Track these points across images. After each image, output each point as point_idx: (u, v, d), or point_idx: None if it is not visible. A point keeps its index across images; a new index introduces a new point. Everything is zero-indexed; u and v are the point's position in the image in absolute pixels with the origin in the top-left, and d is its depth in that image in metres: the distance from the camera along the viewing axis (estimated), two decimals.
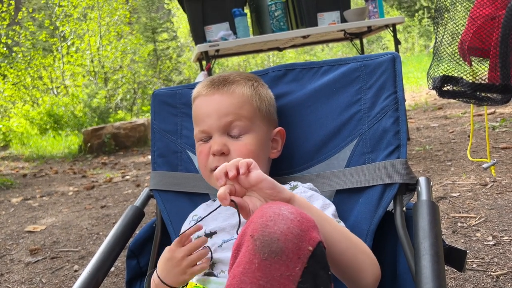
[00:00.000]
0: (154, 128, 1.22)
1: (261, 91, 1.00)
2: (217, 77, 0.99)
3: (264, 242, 0.56)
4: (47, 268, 2.01)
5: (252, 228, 0.59)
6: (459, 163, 2.69)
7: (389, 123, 0.95)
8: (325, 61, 1.08)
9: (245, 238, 0.59)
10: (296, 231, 0.58)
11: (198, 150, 0.98)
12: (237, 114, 0.93)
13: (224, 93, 0.95)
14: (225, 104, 0.94)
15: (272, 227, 0.57)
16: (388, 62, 0.97)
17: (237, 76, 0.99)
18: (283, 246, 0.56)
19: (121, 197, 3.31)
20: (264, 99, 0.99)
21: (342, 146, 1.01)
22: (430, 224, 0.82)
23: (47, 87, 10.53)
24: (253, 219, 0.60)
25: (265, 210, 0.60)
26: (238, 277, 0.57)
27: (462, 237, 1.68)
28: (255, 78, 1.03)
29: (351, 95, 1.01)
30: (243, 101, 0.95)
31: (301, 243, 0.57)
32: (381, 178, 0.93)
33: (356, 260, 0.76)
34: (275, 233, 0.57)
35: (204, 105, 0.97)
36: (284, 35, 3.19)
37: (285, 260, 0.56)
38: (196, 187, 1.14)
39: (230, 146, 0.93)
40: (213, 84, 0.97)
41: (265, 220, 0.58)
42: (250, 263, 0.56)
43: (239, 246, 0.61)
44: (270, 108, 1.01)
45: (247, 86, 0.98)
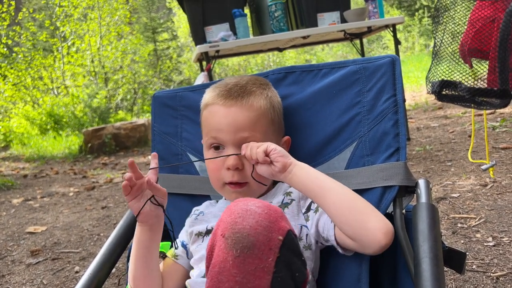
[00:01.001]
0: (154, 131, 1.23)
1: (274, 100, 1.00)
2: (234, 85, 0.97)
3: (235, 239, 0.58)
4: (48, 269, 2.02)
5: (222, 227, 0.60)
6: (459, 163, 2.70)
7: (389, 126, 0.95)
8: (325, 64, 1.08)
9: (217, 238, 0.61)
10: (265, 223, 0.59)
11: (211, 161, 0.97)
12: (253, 129, 0.94)
13: (242, 107, 0.94)
14: (243, 118, 0.93)
15: (241, 223, 0.59)
16: (387, 64, 0.98)
17: (253, 86, 0.98)
18: (254, 240, 0.58)
19: (122, 197, 3.31)
20: (277, 109, 1.00)
21: (341, 148, 1.01)
22: (430, 227, 0.82)
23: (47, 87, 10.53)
24: (222, 218, 0.62)
25: (233, 208, 0.62)
26: (216, 278, 0.58)
27: (462, 238, 1.68)
28: (267, 84, 1.03)
29: (350, 98, 1.01)
30: (260, 114, 0.95)
31: (271, 234, 0.59)
32: (381, 181, 0.93)
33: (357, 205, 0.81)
34: (244, 229, 0.58)
35: (220, 116, 0.95)
36: (284, 36, 3.19)
37: (257, 253, 0.57)
38: (197, 189, 1.14)
39: (244, 160, 0.93)
40: (230, 94, 0.96)
41: (234, 218, 0.60)
42: (224, 262, 0.58)
43: (212, 248, 0.62)
44: (280, 117, 1.02)
45: (263, 97, 0.97)
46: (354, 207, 0.80)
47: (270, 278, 0.57)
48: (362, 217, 0.79)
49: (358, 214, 0.79)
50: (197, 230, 0.97)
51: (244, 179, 0.94)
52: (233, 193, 0.96)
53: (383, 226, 0.78)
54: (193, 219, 1.02)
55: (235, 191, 0.95)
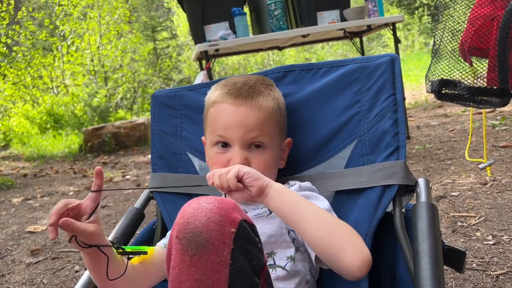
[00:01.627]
0: (153, 130, 1.23)
1: (280, 101, 1.01)
2: (243, 84, 0.97)
3: (189, 239, 0.59)
4: (48, 268, 2.02)
5: (176, 229, 0.61)
6: (459, 162, 2.69)
7: (388, 125, 0.95)
8: (324, 63, 1.08)
9: (172, 240, 0.61)
10: (216, 218, 0.60)
11: (215, 157, 0.96)
12: (261, 130, 0.94)
13: (252, 107, 0.94)
14: (252, 118, 0.93)
15: (193, 223, 0.59)
16: (387, 63, 0.97)
17: (261, 86, 0.98)
18: (207, 237, 0.59)
19: (122, 197, 3.31)
20: (282, 110, 1.01)
21: (341, 147, 1.01)
22: (429, 226, 0.82)
23: (47, 86, 10.52)
24: (176, 220, 0.62)
25: (185, 209, 0.63)
26: (176, 279, 0.59)
27: (462, 237, 1.68)
28: (272, 85, 1.03)
29: (350, 97, 1.01)
30: (268, 115, 0.95)
31: (223, 228, 0.60)
32: (380, 180, 0.93)
33: (332, 238, 0.79)
34: (196, 228, 0.59)
35: (228, 114, 0.95)
36: (284, 35, 3.19)
37: (212, 249, 0.58)
38: (196, 188, 1.14)
39: (250, 159, 0.94)
40: (240, 93, 0.95)
41: (186, 219, 0.60)
42: (182, 263, 0.59)
43: (169, 251, 0.63)
44: (285, 119, 1.03)
45: (271, 98, 0.97)
46: (330, 240, 0.79)
47: (228, 270, 0.59)
48: (337, 252, 0.78)
49: (333, 249, 0.79)
50: None
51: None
52: (235, 193, 0.95)
53: (357, 260, 0.78)
54: None
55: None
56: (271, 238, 0.89)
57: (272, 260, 0.88)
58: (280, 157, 1.01)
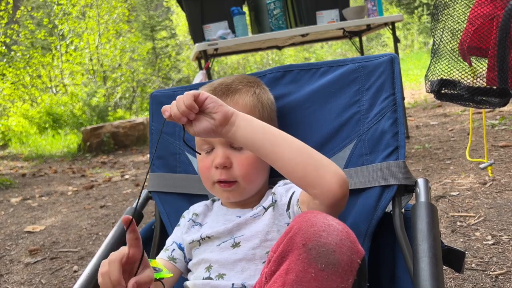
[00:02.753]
0: (152, 130, 1.22)
1: (263, 97, 0.99)
2: (219, 85, 0.97)
3: (320, 253, 0.57)
4: (47, 268, 2.01)
5: (303, 236, 0.59)
6: (458, 161, 2.69)
7: (387, 125, 0.95)
8: (323, 62, 1.08)
9: (295, 245, 0.59)
10: (347, 243, 0.59)
11: (201, 162, 0.97)
12: None
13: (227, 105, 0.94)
14: None
15: (326, 238, 0.58)
16: (386, 63, 0.97)
17: (239, 84, 0.98)
18: (339, 258, 0.58)
19: (120, 196, 3.31)
20: (266, 106, 0.99)
21: (340, 147, 1.01)
22: (429, 226, 0.82)
23: (46, 86, 10.51)
24: (302, 227, 0.60)
25: (312, 219, 0.61)
26: (291, 285, 0.57)
27: (461, 236, 1.68)
28: (257, 82, 1.02)
29: (349, 97, 1.01)
30: (246, 111, 0.92)
31: (352, 255, 0.59)
32: (379, 180, 0.93)
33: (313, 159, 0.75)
34: (330, 244, 0.58)
35: None
36: (283, 34, 3.18)
37: (341, 272, 0.57)
38: (194, 188, 1.14)
39: (232, 158, 0.93)
40: (215, 93, 0.95)
41: (318, 230, 0.59)
42: (304, 272, 0.57)
43: (284, 253, 0.61)
44: (272, 114, 1.01)
45: (250, 94, 0.96)
46: (310, 161, 0.75)
47: None
48: (318, 172, 0.73)
49: (314, 169, 0.74)
50: (191, 239, 0.96)
51: (233, 178, 0.93)
52: (224, 192, 0.95)
53: (338, 177, 0.73)
54: (189, 225, 1.01)
55: (225, 189, 0.94)
56: (269, 235, 0.89)
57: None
58: None
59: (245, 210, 0.97)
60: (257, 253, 0.88)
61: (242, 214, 0.96)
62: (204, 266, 0.91)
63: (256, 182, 0.96)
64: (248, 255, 0.88)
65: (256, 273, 0.86)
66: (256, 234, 0.89)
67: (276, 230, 0.89)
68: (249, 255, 0.88)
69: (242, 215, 0.95)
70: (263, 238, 0.88)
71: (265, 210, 0.92)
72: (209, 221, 1.01)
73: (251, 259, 0.88)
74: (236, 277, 0.87)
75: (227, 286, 0.87)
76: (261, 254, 0.88)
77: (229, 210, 0.99)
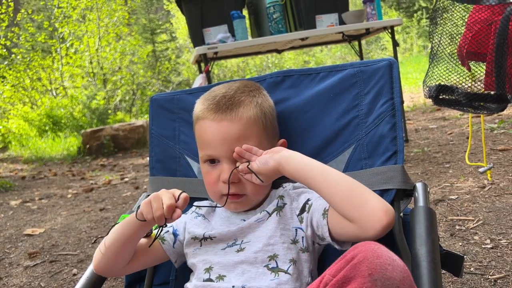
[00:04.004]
0: (152, 133, 1.23)
1: (265, 106, 0.99)
2: (222, 98, 0.96)
3: (385, 286, 0.59)
4: (46, 271, 2.01)
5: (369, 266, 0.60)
6: (457, 165, 2.70)
7: (386, 129, 0.95)
8: (323, 68, 1.09)
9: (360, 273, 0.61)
10: (408, 282, 0.61)
11: (207, 175, 0.98)
12: (246, 141, 0.93)
13: (232, 120, 0.93)
14: (234, 131, 0.93)
15: (392, 272, 0.60)
16: (385, 68, 0.98)
17: (242, 95, 0.97)
18: None
19: (120, 199, 3.31)
20: (269, 115, 0.99)
21: (339, 151, 1.02)
22: (427, 230, 0.83)
23: (46, 88, 10.51)
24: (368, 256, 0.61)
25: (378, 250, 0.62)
26: None
27: (460, 240, 1.69)
28: (257, 90, 1.02)
29: (348, 101, 1.02)
30: (251, 125, 0.95)
31: None
32: (378, 184, 0.94)
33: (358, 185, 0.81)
34: (395, 279, 0.60)
35: (211, 131, 0.95)
36: (283, 38, 3.19)
37: None
38: (195, 192, 1.14)
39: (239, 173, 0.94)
40: (219, 107, 0.95)
41: (384, 263, 0.60)
42: None
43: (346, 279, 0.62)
44: (273, 122, 1.02)
45: (253, 106, 0.96)
46: (353, 187, 0.80)
47: None
48: (361, 197, 0.79)
49: (358, 194, 0.79)
50: (194, 234, 0.97)
51: (242, 191, 0.94)
52: (232, 204, 0.96)
53: (383, 205, 0.77)
54: (193, 218, 1.02)
55: (233, 201, 0.95)
56: (271, 240, 0.89)
57: (275, 263, 0.88)
58: None
59: (249, 213, 0.98)
60: (258, 257, 0.88)
61: (246, 217, 0.97)
62: (204, 267, 0.92)
63: (263, 192, 0.98)
64: (249, 258, 0.88)
65: (256, 276, 0.87)
66: (259, 239, 0.90)
67: (279, 234, 0.90)
68: (251, 258, 0.88)
69: (246, 218, 0.96)
70: (266, 242, 0.89)
71: (269, 215, 0.93)
72: (212, 222, 1.01)
73: (252, 262, 0.88)
74: (236, 279, 0.88)
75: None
76: (262, 258, 0.88)
77: (233, 213, 1.00)
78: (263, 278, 0.87)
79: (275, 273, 0.87)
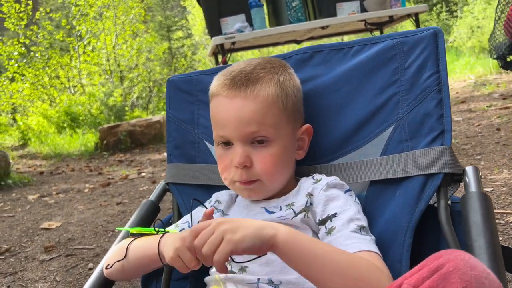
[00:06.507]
0: (169, 117, 1.14)
1: (288, 85, 0.88)
2: (239, 73, 0.86)
3: None
4: (62, 266, 1.96)
5: (462, 278, 0.51)
6: (489, 157, 2.55)
7: (431, 106, 0.85)
8: (356, 41, 0.98)
9: (450, 285, 0.52)
10: None
11: (220, 159, 0.89)
12: (261, 123, 0.83)
13: (247, 97, 0.83)
14: (248, 111, 0.83)
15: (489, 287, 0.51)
16: (429, 38, 0.87)
17: (261, 71, 0.87)
18: None
19: (137, 193, 3.26)
20: (291, 96, 0.88)
21: (376, 133, 0.91)
22: (484, 219, 0.72)
23: (64, 86, 10.62)
24: (458, 265, 0.52)
25: (471, 261, 0.53)
26: None
27: (500, 235, 1.56)
28: (282, 67, 0.91)
29: (387, 76, 0.91)
30: (268, 105, 0.84)
31: None
32: (422, 168, 0.83)
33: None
34: None
35: (223, 109, 0.86)
36: (302, 26, 3.08)
37: None
38: (216, 179, 1.05)
39: (253, 157, 0.84)
40: (234, 83, 0.85)
41: (479, 276, 0.51)
42: None
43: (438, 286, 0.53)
44: (297, 104, 0.91)
45: (272, 84, 0.86)
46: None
47: None
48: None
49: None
50: None
51: (254, 177, 0.84)
52: (244, 190, 0.87)
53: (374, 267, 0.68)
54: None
55: (246, 188, 0.86)
56: None
57: None
58: (294, 148, 0.91)
59: (271, 201, 0.88)
60: None
61: (267, 205, 0.87)
62: None
63: (280, 179, 0.87)
64: None
65: (282, 267, 0.77)
66: None
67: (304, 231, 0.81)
68: None
69: (268, 207, 0.87)
70: None
71: (295, 215, 0.83)
72: (231, 213, 0.92)
73: None
74: (261, 270, 0.79)
75: (251, 281, 0.78)
76: None
77: (253, 202, 0.90)
78: (290, 270, 0.77)
79: None
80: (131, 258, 0.89)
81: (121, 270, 0.90)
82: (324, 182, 0.85)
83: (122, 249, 0.91)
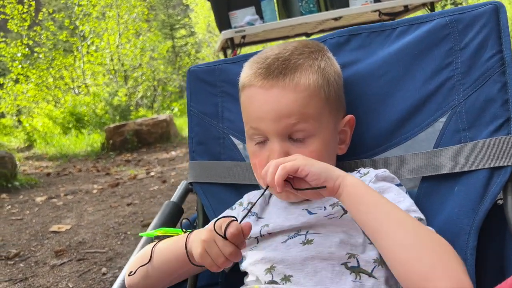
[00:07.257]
0: (191, 111, 1.05)
1: (329, 72, 0.79)
2: (274, 60, 0.77)
3: None
4: (74, 271, 1.88)
5: None
6: None
7: (494, 91, 0.75)
8: (400, 21, 0.88)
9: None
10: None
11: (253, 156, 0.80)
12: (301, 114, 0.74)
13: (285, 87, 0.75)
14: (287, 102, 0.74)
15: None
16: (489, 13, 0.77)
17: (300, 57, 0.77)
18: None
19: (147, 193, 3.18)
20: (333, 84, 0.79)
21: (428, 123, 0.81)
22: None
23: (68, 86, 10.58)
24: None
25: None
26: None
27: None
28: (321, 51, 0.81)
29: (439, 59, 0.81)
30: (309, 94, 0.75)
31: None
32: (486, 161, 0.73)
33: (420, 262, 0.58)
34: None
35: (258, 101, 0.77)
36: (315, 18, 2.98)
37: None
38: (244, 177, 0.96)
39: (293, 153, 0.74)
40: (270, 72, 0.76)
41: None
42: None
43: None
44: (339, 92, 0.81)
45: (313, 71, 0.76)
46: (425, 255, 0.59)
47: None
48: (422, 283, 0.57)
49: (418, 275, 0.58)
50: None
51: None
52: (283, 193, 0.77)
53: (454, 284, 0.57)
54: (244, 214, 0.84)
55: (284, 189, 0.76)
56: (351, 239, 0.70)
57: (356, 261, 0.68)
58: (336, 142, 0.81)
59: (313, 202, 0.79)
60: (335, 253, 0.69)
61: (309, 207, 0.78)
62: (265, 268, 0.73)
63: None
64: (323, 253, 0.69)
65: (333, 276, 0.68)
66: (333, 233, 0.71)
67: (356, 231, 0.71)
68: (325, 254, 0.69)
69: (310, 208, 0.77)
70: (345, 238, 0.70)
71: (344, 212, 0.73)
72: (267, 216, 0.83)
73: (326, 258, 0.69)
74: (307, 280, 0.69)
75: None
76: (340, 255, 0.69)
77: (292, 204, 0.81)
78: (342, 279, 0.68)
79: (356, 274, 0.68)
80: (156, 262, 0.79)
81: (146, 277, 0.81)
82: (373, 174, 0.76)
83: (146, 253, 0.82)
